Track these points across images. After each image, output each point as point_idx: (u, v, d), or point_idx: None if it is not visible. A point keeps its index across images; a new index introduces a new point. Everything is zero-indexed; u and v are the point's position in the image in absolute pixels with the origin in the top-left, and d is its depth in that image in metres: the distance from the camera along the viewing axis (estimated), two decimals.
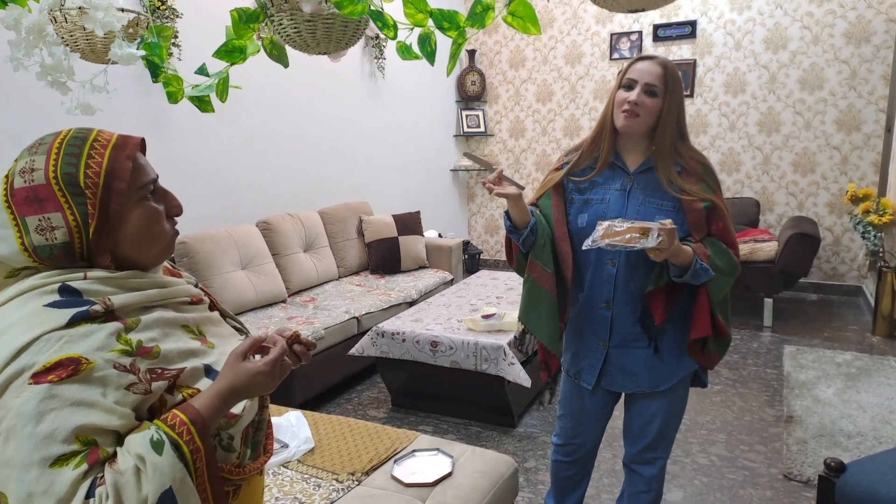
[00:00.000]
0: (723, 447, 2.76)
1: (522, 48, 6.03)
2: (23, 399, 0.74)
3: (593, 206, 1.64)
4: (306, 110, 4.32)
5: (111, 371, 0.78)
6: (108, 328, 0.81)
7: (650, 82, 1.54)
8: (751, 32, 5.12)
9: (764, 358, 3.84)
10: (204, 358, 0.90)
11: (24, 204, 0.83)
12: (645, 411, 1.74)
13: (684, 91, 5.31)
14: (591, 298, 1.69)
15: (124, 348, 0.81)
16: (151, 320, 0.86)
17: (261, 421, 0.96)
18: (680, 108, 1.59)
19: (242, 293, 3.36)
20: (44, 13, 1.42)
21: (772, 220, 5.25)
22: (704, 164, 1.63)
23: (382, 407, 3.24)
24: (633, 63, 1.59)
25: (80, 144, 0.86)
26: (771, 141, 5.19)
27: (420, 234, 4.57)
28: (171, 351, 0.86)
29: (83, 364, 0.77)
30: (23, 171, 0.84)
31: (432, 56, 1.25)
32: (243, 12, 1.26)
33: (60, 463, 0.73)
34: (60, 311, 0.79)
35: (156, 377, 0.82)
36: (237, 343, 0.97)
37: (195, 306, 0.96)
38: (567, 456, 1.88)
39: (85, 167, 0.84)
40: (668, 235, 1.39)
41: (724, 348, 1.66)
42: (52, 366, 0.76)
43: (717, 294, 1.58)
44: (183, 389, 0.85)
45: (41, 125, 2.74)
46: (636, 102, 1.54)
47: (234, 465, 0.89)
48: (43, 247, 0.83)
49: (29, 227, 0.83)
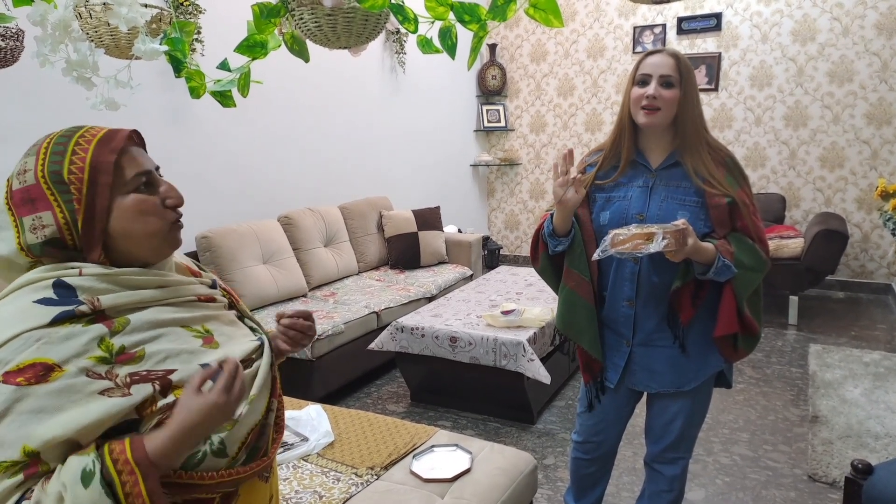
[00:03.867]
0: (746, 446, 2.72)
1: (544, 42, 5.98)
2: None
3: (615, 203, 1.63)
4: (327, 105, 4.34)
5: (81, 379, 0.77)
6: (91, 332, 0.80)
7: (665, 74, 1.53)
8: (778, 24, 5.01)
9: (789, 356, 3.77)
10: (203, 357, 0.88)
11: (21, 205, 0.86)
12: (667, 410, 1.72)
13: (710, 85, 5.22)
14: (614, 296, 1.67)
15: (102, 355, 0.80)
16: (142, 321, 0.85)
17: (265, 425, 0.93)
18: (698, 97, 1.58)
19: (264, 287, 3.38)
20: (69, 9, 1.43)
21: (798, 217, 5.15)
22: (731, 157, 1.61)
23: (401, 402, 3.25)
24: (644, 58, 1.58)
25: (65, 143, 0.88)
26: (798, 135, 5.09)
27: (440, 229, 4.56)
28: (159, 352, 0.85)
29: (55, 371, 0.77)
30: (19, 173, 0.87)
31: (453, 50, 1.24)
32: (265, 7, 1.26)
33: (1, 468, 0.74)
34: (46, 309, 0.80)
35: (138, 380, 0.81)
36: (247, 344, 0.95)
37: (204, 304, 0.95)
38: (587, 454, 1.86)
39: (69, 163, 0.86)
40: (674, 237, 1.37)
41: (752, 344, 1.63)
42: (25, 367, 0.76)
43: (744, 290, 1.55)
44: (177, 391, 0.84)
45: (66, 121, 2.78)
46: (654, 96, 1.53)
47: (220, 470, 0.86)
48: (34, 244, 0.85)
49: (25, 226, 0.85)
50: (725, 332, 1.56)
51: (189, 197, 1.39)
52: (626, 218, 1.60)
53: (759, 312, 1.64)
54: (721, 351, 1.63)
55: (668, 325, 1.63)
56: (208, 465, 0.84)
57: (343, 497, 1.61)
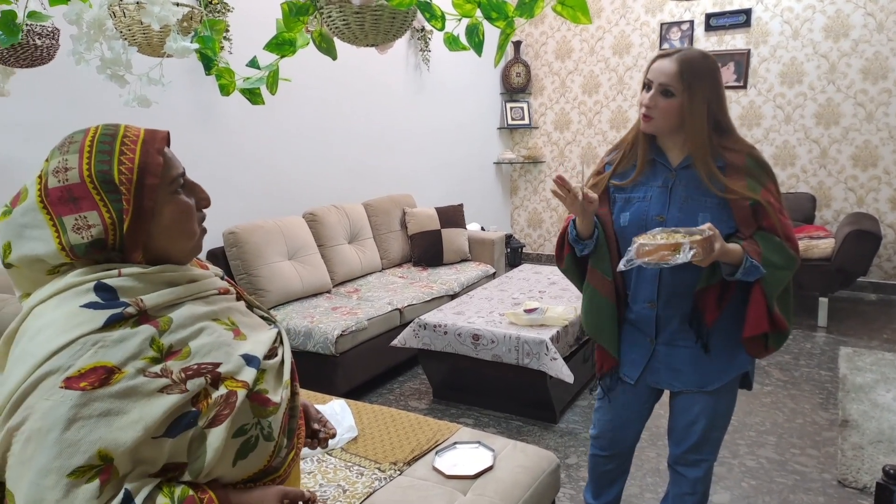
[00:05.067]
0: (772, 450, 2.67)
1: (569, 39, 5.94)
2: (53, 402, 0.74)
3: (635, 203, 1.61)
4: (352, 103, 4.36)
5: (141, 379, 0.78)
6: (142, 333, 0.81)
7: (663, 82, 1.50)
8: (810, 20, 4.91)
9: (818, 359, 3.70)
10: (239, 349, 0.90)
11: (60, 203, 0.83)
12: (690, 411, 1.69)
13: (738, 82, 5.12)
14: (636, 297, 1.66)
15: (155, 355, 0.81)
16: (183, 318, 0.86)
17: (293, 408, 0.97)
18: (710, 103, 1.50)
19: (289, 283, 3.42)
20: (104, 8, 1.46)
21: (828, 217, 5.05)
22: (752, 157, 1.55)
23: (424, 398, 3.26)
24: (652, 62, 1.55)
25: (110, 141, 0.86)
26: (829, 133, 4.98)
27: (463, 226, 4.56)
28: (203, 346, 0.86)
29: (115, 374, 0.77)
30: (56, 171, 0.84)
31: (480, 47, 1.24)
32: (293, 5, 1.28)
33: (77, 474, 0.73)
34: (96, 313, 0.80)
35: (192, 374, 0.83)
36: (266, 333, 0.97)
37: (223, 296, 0.97)
38: (604, 450, 1.86)
39: (118, 164, 0.85)
40: (702, 246, 1.35)
41: (782, 341, 1.61)
42: (86, 372, 0.76)
43: (774, 289, 1.52)
44: (227, 382, 0.85)
45: (100, 118, 2.85)
46: (648, 105, 1.52)
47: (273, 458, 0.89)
48: (79, 245, 0.83)
49: (66, 226, 0.83)
50: (755, 333, 1.54)
51: (216, 193, 1.42)
52: (645, 219, 1.57)
53: (790, 309, 1.61)
54: (750, 350, 1.61)
55: (690, 326, 1.61)
56: (260, 449, 0.87)
57: (366, 491, 1.62)
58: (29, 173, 2.64)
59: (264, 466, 0.89)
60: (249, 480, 0.88)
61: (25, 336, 0.81)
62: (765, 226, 1.53)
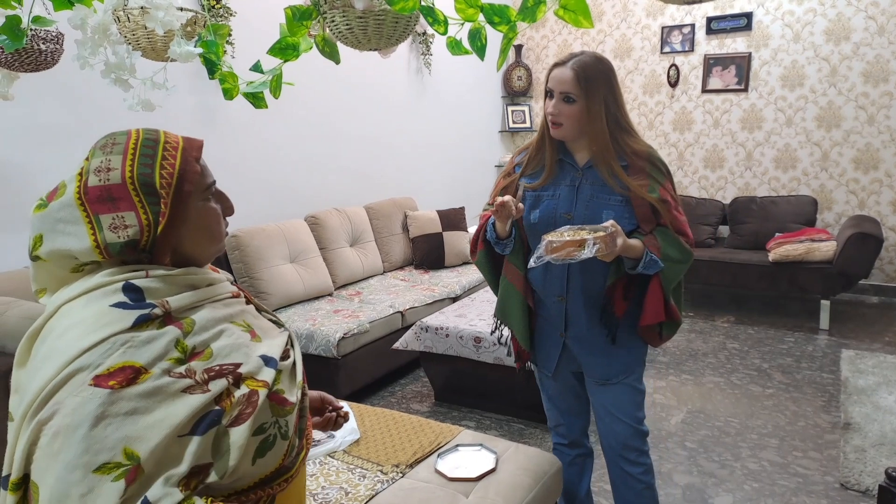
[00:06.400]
0: (774, 452, 2.67)
1: (570, 42, 5.95)
2: (82, 399, 0.75)
3: (545, 201, 1.68)
4: (354, 107, 4.37)
5: (166, 380, 0.80)
6: (168, 335, 0.83)
7: (564, 91, 1.57)
8: (811, 24, 4.92)
9: (819, 362, 3.70)
10: (257, 350, 0.92)
11: (98, 202, 0.85)
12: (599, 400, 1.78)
13: (739, 85, 5.11)
14: (546, 291, 1.73)
15: (179, 356, 0.83)
16: (205, 320, 0.88)
17: (303, 408, 0.99)
18: (608, 105, 1.58)
19: (291, 286, 3.43)
20: (108, 13, 1.47)
21: (830, 220, 5.05)
22: (650, 158, 1.63)
23: (425, 401, 3.26)
24: (550, 70, 1.62)
25: (153, 146, 0.88)
26: (830, 136, 4.98)
27: (464, 229, 4.57)
28: (224, 348, 0.88)
29: (142, 373, 0.78)
30: (98, 170, 0.86)
31: (482, 51, 1.25)
32: (297, 10, 1.29)
33: (104, 471, 0.74)
34: (125, 313, 0.81)
35: (214, 375, 0.84)
36: (279, 336, 0.99)
37: (236, 300, 0.98)
38: (563, 437, 1.94)
39: (160, 169, 0.87)
40: (605, 241, 1.43)
41: (675, 330, 1.73)
42: (115, 371, 0.77)
43: (671, 281, 1.63)
44: (248, 382, 0.87)
45: (104, 122, 2.86)
46: (553, 112, 1.59)
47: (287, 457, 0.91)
48: (114, 244, 0.85)
49: (103, 224, 0.85)
50: (652, 322, 1.63)
51: None
52: (554, 217, 1.65)
53: (681, 300, 1.73)
54: (646, 338, 1.72)
55: (601, 322, 1.68)
56: (277, 448, 0.88)
57: (369, 494, 1.62)
58: (33, 177, 2.66)
59: (279, 465, 0.90)
60: (265, 480, 0.89)
61: (53, 334, 0.82)
62: (662, 222, 1.62)
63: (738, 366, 3.67)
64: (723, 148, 5.39)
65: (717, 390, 3.33)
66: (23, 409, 0.79)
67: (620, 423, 1.75)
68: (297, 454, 0.95)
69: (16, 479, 0.79)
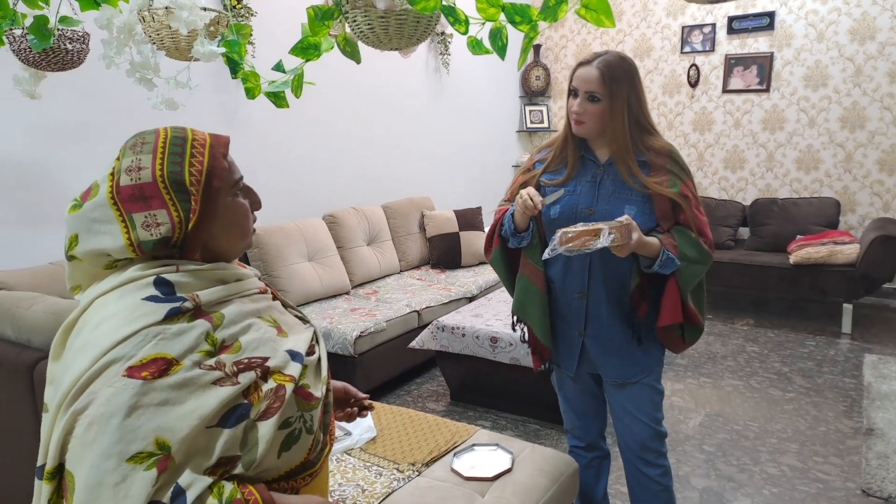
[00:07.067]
0: (794, 457, 2.64)
1: (589, 42, 5.92)
2: (115, 389, 0.77)
3: (565, 197, 1.68)
4: (372, 106, 4.39)
5: (196, 372, 0.82)
6: (198, 328, 0.85)
7: (589, 90, 1.57)
8: (835, 23, 4.84)
9: (841, 366, 3.64)
10: (283, 345, 0.93)
11: (130, 201, 0.87)
12: (617, 400, 1.76)
13: (761, 85, 5.05)
14: (566, 287, 1.72)
15: (209, 349, 0.84)
16: (233, 314, 0.90)
17: (327, 403, 1.00)
18: (630, 104, 1.58)
19: (308, 284, 3.45)
20: (133, 13, 1.50)
21: (853, 222, 4.97)
22: (671, 154, 1.63)
23: (441, 400, 3.27)
24: (575, 69, 1.62)
25: (181, 144, 0.90)
26: (854, 138, 4.90)
27: (481, 229, 4.57)
28: (252, 341, 0.89)
29: (174, 365, 0.80)
30: (129, 170, 0.88)
31: (503, 51, 1.25)
32: (319, 10, 1.30)
33: (136, 460, 0.76)
34: (157, 306, 0.84)
35: (243, 368, 0.86)
36: (305, 332, 1.00)
37: (263, 296, 1.00)
38: (579, 440, 1.93)
39: (189, 166, 0.88)
40: (620, 232, 1.42)
41: (697, 336, 1.70)
42: (147, 362, 0.79)
43: (688, 282, 1.60)
44: (275, 376, 0.88)
45: (128, 120, 2.90)
46: (578, 111, 1.59)
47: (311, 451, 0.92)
48: (147, 241, 0.87)
49: (136, 223, 0.86)
50: (669, 322, 1.61)
51: None
52: (575, 212, 1.65)
53: (703, 305, 1.70)
54: (666, 342, 1.69)
55: (626, 324, 1.67)
56: (302, 442, 0.89)
57: (385, 491, 1.63)
58: (59, 175, 2.71)
59: (303, 460, 0.91)
60: (290, 474, 0.90)
61: (88, 326, 0.84)
62: (681, 220, 1.61)
63: (757, 369, 3.63)
64: (743, 149, 5.33)
65: (735, 393, 3.30)
66: (58, 399, 0.81)
67: (639, 422, 1.73)
68: (321, 449, 0.96)
69: (51, 469, 0.81)
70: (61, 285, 2.38)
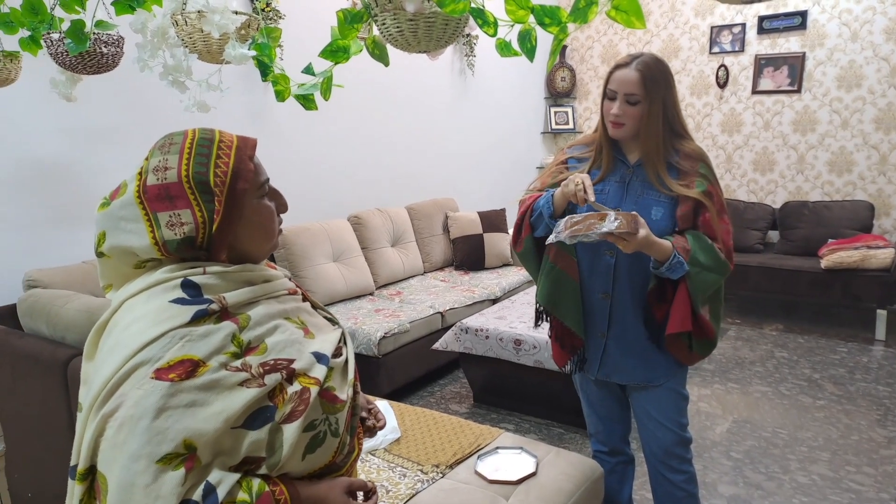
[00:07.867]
0: (826, 466, 2.58)
1: (616, 43, 5.87)
2: (144, 392, 0.79)
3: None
4: (397, 108, 4.41)
5: (223, 373, 0.82)
6: (225, 329, 0.85)
7: (628, 92, 1.56)
8: (870, 22, 4.73)
9: (875, 374, 3.55)
10: (310, 347, 0.93)
11: (156, 200, 0.88)
12: (641, 405, 1.74)
13: (792, 86, 4.95)
14: (590, 288, 1.69)
15: (235, 350, 0.85)
16: (260, 316, 0.90)
17: (355, 406, 1.00)
18: (666, 108, 1.57)
19: (333, 285, 3.47)
20: (167, 17, 1.52)
21: (888, 226, 4.84)
22: (702, 158, 1.61)
23: (464, 402, 3.26)
24: (612, 72, 1.60)
25: (208, 145, 0.91)
26: (889, 139, 4.78)
27: (505, 231, 4.55)
28: (278, 343, 0.90)
29: (201, 367, 0.81)
30: (156, 170, 0.89)
31: (532, 53, 1.24)
32: (348, 13, 1.30)
33: (166, 461, 0.77)
34: (184, 308, 0.84)
35: (269, 369, 0.86)
36: (332, 333, 1.00)
37: (292, 297, 1.00)
38: (602, 445, 1.91)
39: (214, 167, 0.89)
40: (626, 219, 1.41)
41: (708, 349, 1.64)
42: (175, 364, 0.80)
43: (700, 290, 1.55)
44: (300, 378, 0.89)
45: (160, 122, 2.95)
46: (617, 114, 1.57)
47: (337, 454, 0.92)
48: (171, 241, 0.88)
49: (160, 222, 0.87)
50: (677, 330, 1.56)
51: None
52: None
53: (719, 318, 1.66)
54: (674, 351, 1.63)
55: (644, 325, 1.65)
56: (327, 444, 0.90)
57: (409, 493, 1.63)
58: (94, 175, 2.77)
59: (329, 462, 0.91)
60: (315, 476, 0.91)
61: (118, 327, 0.86)
62: (700, 222, 1.57)
63: (786, 375, 3.56)
64: (773, 151, 5.23)
65: (764, 400, 3.23)
66: (89, 399, 0.83)
67: (663, 428, 1.71)
68: (348, 453, 0.96)
69: (83, 470, 0.82)
70: (94, 283, 2.43)
